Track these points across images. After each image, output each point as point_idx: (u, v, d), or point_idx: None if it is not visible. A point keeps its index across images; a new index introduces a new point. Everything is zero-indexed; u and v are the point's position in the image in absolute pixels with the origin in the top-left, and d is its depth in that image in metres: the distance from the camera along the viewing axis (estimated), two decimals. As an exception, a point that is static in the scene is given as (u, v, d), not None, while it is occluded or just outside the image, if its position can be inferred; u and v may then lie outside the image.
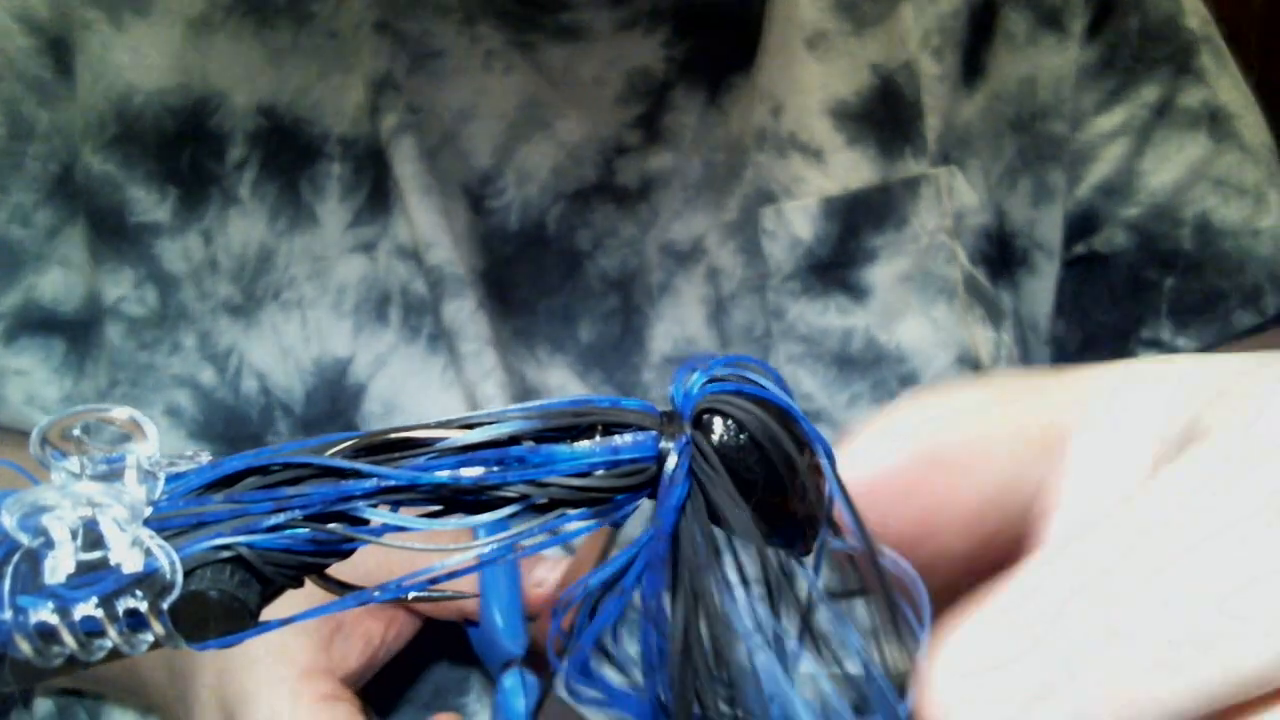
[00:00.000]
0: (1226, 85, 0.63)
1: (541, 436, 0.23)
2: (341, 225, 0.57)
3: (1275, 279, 0.62)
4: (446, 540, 0.24)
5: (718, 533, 0.22)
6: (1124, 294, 0.63)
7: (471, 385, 0.55)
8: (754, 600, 0.22)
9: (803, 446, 0.22)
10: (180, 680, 0.50)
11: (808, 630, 0.24)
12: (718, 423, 0.22)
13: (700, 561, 0.21)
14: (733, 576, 0.23)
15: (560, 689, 0.54)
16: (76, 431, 0.23)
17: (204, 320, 0.57)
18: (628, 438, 0.23)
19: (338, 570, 0.25)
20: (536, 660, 0.50)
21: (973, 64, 0.60)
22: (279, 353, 0.57)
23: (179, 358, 0.57)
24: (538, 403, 0.23)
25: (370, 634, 0.50)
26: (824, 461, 0.22)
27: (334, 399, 0.57)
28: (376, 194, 0.57)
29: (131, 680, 0.56)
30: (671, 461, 0.22)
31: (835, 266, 0.57)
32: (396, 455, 0.24)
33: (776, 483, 0.22)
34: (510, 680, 0.49)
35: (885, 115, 0.58)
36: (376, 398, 0.56)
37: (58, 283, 0.59)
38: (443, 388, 0.56)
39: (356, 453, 0.24)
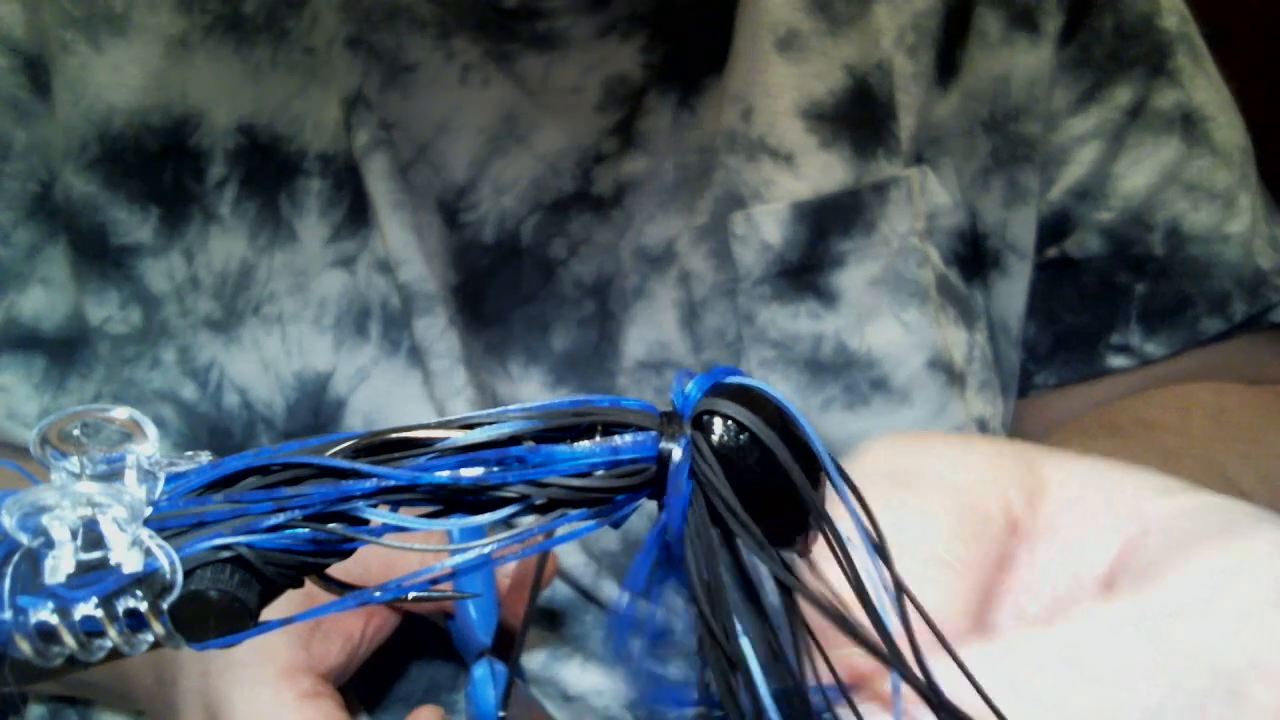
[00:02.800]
0: (1202, 86, 0.63)
1: (541, 437, 0.24)
2: (321, 240, 0.57)
3: (1243, 285, 0.63)
4: (422, 542, 0.24)
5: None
6: (1095, 298, 0.63)
7: (441, 402, 0.55)
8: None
9: (801, 446, 0.23)
10: (166, 685, 0.50)
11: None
12: (718, 423, 0.23)
13: (709, 559, 0.22)
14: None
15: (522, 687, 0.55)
16: (76, 432, 0.23)
17: (184, 335, 0.57)
18: (628, 438, 0.23)
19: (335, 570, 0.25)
20: (503, 647, 0.50)
21: (947, 63, 0.61)
22: (260, 367, 0.57)
23: (159, 372, 0.57)
24: (538, 403, 0.24)
25: (349, 630, 0.50)
26: (825, 462, 0.23)
27: (316, 413, 0.57)
28: (356, 209, 0.57)
29: (121, 685, 0.55)
30: (675, 462, 0.22)
31: (805, 271, 0.58)
32: (396, 455, 0.24)
33: (776, 482, 0.22)
34: (480, 670, 0.49)
35: (859, 115, 0.58)
36: (358, 411, 0.56)
37: (39, 300, 0.59)
38: (423, 400, 0.56)
39: (356, 453, 0.24)
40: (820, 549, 0.24)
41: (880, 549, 0.24)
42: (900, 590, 0.24)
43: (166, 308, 0.57)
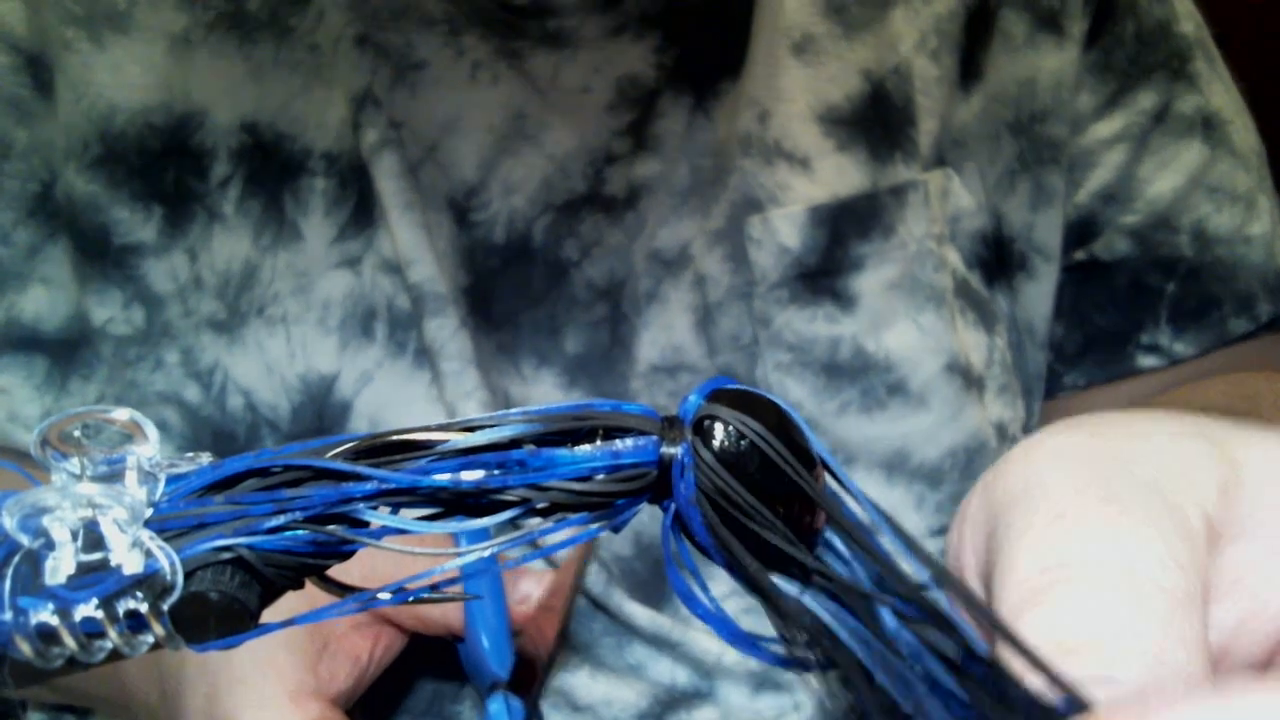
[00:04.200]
0: (1218, 90, 0.64)
1: (542, 440, 0.23)
2: (325, 241, 0.57)
3: (1267, 285, 0.63)
4: (429, 546, 0.24)
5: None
6: (1126, 299, 0.63)
7: (452, 405, 0.55)
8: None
9: (803, 452, 0.23)
10: (170, 701, 0.49)
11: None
12: (719, 428, 0.22)
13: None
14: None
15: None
16: (77, 433, 0.23)
17: (186, 336, 0.57)
18: (628, 442, 0.23)
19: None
20: (522, 680, 0.49)
21: (969, 66, 0.61)
22: (264, 369, 0.56)
23: (162, 374, 0.57)
24: (539, 407, 0.23)
25: (357, 651, 0.49)
26: (832, 466, 0.23)
27: (320, 415, 0.56)
28: (361, 209, 0.57)
29: (122, 698, 0.55)
30: (675, 466, 0.22)
31: (822, 275, 0.57)
32: (397, 458, 0.24)
33: (778, 484, 0.22)
34: (495, 705, 0.48)
35: (876, 120, 0.58)
36: (363, 414, 0.56)
37: (39, 301, 0.59)
38: (429, 403, 0.56)
39: (357, 455, 0.24)
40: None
41: (911, 543, 0.23)
42: (944, 578, 0.23)
43: (169, 308, 0.57)
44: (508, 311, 0.58)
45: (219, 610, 0.23)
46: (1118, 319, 0.64)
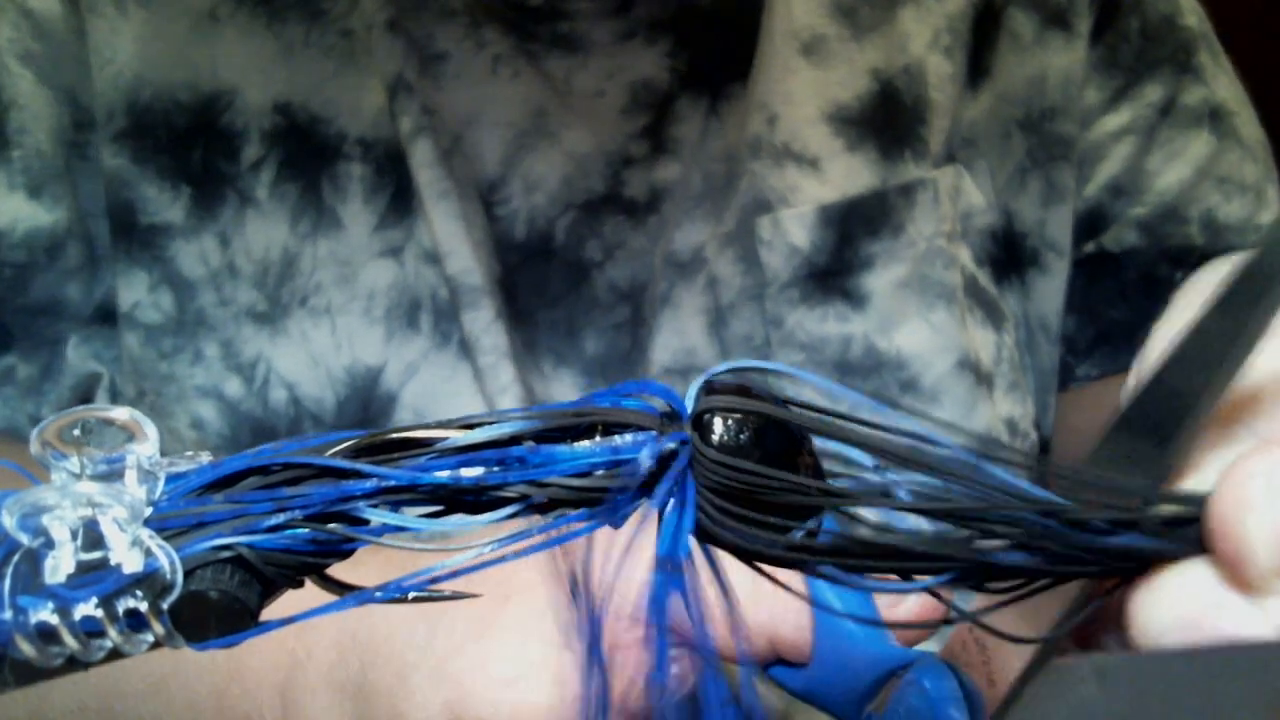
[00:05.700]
0: (1224, 82, 0.64)
1: (542, 437, 0.23)
2: (367, 229, 0.55)
3: None
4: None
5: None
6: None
7: (491, 398, 0.54)
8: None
9: (800, 444, 0.22)
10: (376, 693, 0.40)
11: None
12: (718, 422, 0.22)
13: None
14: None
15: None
16: (76, 432, 0.23)
17: (226, 328, 0.55)
18: (628, 438, 0.23)
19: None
20: None
21: (977, 65, 0.61)
22: (309, 361, 0.55)
23: (201, 367, 0.55)
24: (538, 404, 0.23)
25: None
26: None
27: (366, 407, 0.55)
28: (399, 197, 0.55)
29: None
30: (674, 461, 0.22)
31: (832, 274, 0.57)
32: (397, 455, 0.24)
33: (776, 480, 0.22)
34: (930, 679, 0.35)
35: (885, 119, 0.58)
36: (409, 406, 0.55)
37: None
38: (473, 394, 0.55)
39: (357, 453, 0.24)
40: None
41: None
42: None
43: (202, 295, 0.55)
44: (526, 309, 0.57)
45: (219, 609, 0.23)
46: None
